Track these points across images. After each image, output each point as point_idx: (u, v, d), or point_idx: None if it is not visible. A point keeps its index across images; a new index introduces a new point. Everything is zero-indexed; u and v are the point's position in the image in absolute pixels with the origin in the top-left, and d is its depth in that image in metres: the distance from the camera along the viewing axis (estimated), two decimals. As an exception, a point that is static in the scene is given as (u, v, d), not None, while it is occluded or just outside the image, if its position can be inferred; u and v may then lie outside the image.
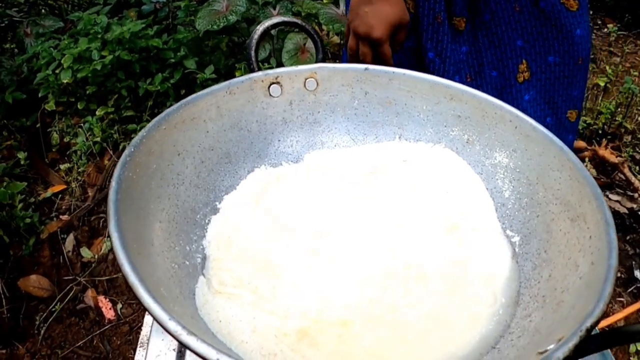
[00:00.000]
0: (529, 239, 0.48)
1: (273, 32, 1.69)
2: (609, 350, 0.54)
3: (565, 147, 0.46)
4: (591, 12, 2.90)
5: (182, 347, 0.49)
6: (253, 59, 0.55)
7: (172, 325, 0.27)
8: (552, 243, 0.45)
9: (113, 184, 0.38)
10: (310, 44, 1.70)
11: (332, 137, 0.57)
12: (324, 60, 0.61)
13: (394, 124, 0.56)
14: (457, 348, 0.40)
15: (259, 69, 0.55)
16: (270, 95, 0.54)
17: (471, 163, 0.54)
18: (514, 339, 0.39)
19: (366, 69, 0.54)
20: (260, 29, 0.55)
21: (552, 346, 0.31)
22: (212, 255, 0.45)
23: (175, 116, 0.48)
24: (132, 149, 0.42)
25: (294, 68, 0.54)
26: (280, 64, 1.68)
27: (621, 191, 1.66)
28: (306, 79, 0.55)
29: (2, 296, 1.34)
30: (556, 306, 0.39)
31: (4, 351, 1.28)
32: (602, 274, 0.36)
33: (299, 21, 0.57)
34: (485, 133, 0.53)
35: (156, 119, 0.46)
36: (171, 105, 1.75)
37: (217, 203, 0.50)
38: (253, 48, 0.55)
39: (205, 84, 1.72)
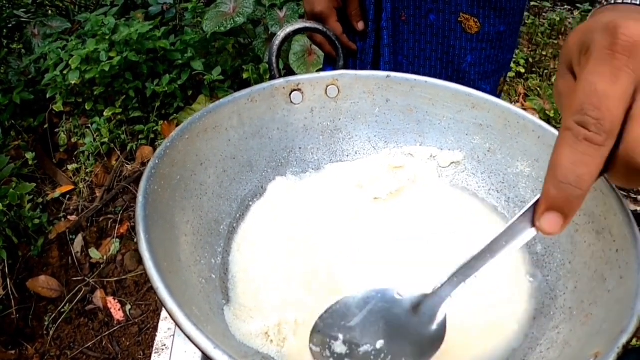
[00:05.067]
0: (552, 249, 0.48)
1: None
2: None
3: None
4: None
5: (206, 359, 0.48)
6: (274, 65, 0.55)
7: (218, 355, 0.26)
8: (577, 255, 0.45)
9: (140, 198, 0.38)
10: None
11: (353, 145, 0.57)
12: (345, 67, 0.61)
13: (415, 131, 0.55)
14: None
15: (280, 76, 0.55)
16: (291, 102, 0.54)
17: (493, 172, 0.54)
18: (543, 351, 0.38)
19: (388, 76, 0.54)
20: (282, 34, 0.55)
21: (589, 363, 0.31)
22: (236, 268, 0.44)
23: (198, 125, 0.48)
24: (157, 161, 0.42)
25: (315, 75, 0.54)
26: (287, 66, 1.67)
27: (624, 193, 1.66)
28: (327, 86, 0.54)
29: (11, 297, 1.35)
30: (584, 319, 0.38)
31: (13, 352, 1.29)
32: (633, 288, 0.36)
33: (320, 27, 0.57)
34: (507, 142, 0.52)
35: (179, 128, 0.46)
36: (179, 106, 1.75)
37: (239, 214, 0.50)
38: (274, 54, 0.55)
39: (213, 85, 1.72)
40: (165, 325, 0.68)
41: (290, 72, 1.66)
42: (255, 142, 0.53)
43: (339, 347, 0.35)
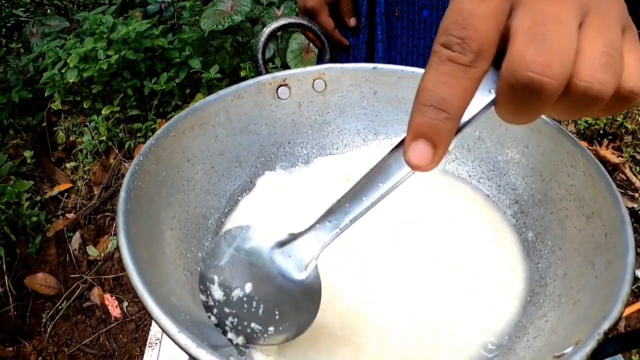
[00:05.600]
0: (543, 236, 0.47)
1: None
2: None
3: (578, 143, 0.46)
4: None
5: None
6: (260, 61, 0.55)
7: (181, 339, 0.26)
8: (567, 240, 0.44)
9: (122, 193, 0.38)
10: (315, 42, 1.69)
11: (342, 138, 0.56)
12: (331, 61, 0.61)
13: (404, 122, 0.55)
14: (469, 348, 0.40)
15: (267, 72, 0.55)
16: (278, 97, 0.54)
17: (483, 160, 0.53)
18: (529, 340, 0.38)
19: (374, 67, 0.54)
20: (267, 31, 0.55)
21: (569, 350, 0.30)
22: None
23: (184, 122, 0.48)
24: (141, 158, 0.42)
25: (301, 70, 0.54)
26: (284, 64, 1.67)
27: (622, 191, 1.65)
28: (314, 80, 0.54)
29: (9, 294, 1.35)
30: (572, 306, 0.38)
31: (10, 349, 1.29)
32: (619, 273, 0.35)
33: (305, 22, 0.57)
34: (496, 129, 0.52)
35: (164, 126, 0.46)
36: (176, 104, 1.75)
37: (228, 208, 0.50)
38: (260, 50, 0.55)
39: (210, 84, 1.72)
40: (158, 320, 0.68)
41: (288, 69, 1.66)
42: (243, 138, 0.53)
43: (217, 292, 0.34)
